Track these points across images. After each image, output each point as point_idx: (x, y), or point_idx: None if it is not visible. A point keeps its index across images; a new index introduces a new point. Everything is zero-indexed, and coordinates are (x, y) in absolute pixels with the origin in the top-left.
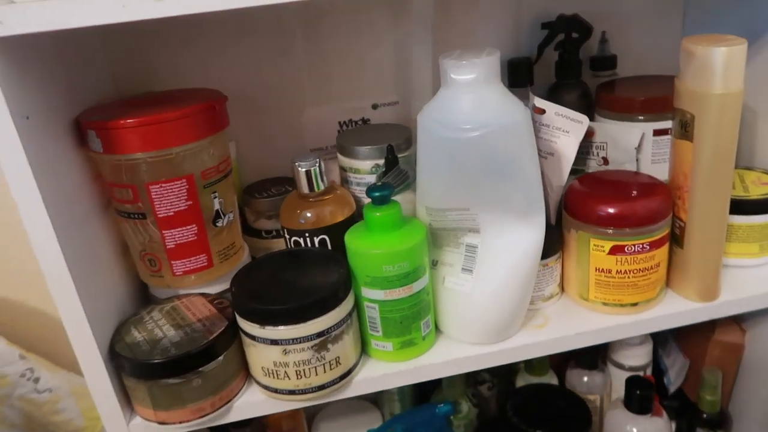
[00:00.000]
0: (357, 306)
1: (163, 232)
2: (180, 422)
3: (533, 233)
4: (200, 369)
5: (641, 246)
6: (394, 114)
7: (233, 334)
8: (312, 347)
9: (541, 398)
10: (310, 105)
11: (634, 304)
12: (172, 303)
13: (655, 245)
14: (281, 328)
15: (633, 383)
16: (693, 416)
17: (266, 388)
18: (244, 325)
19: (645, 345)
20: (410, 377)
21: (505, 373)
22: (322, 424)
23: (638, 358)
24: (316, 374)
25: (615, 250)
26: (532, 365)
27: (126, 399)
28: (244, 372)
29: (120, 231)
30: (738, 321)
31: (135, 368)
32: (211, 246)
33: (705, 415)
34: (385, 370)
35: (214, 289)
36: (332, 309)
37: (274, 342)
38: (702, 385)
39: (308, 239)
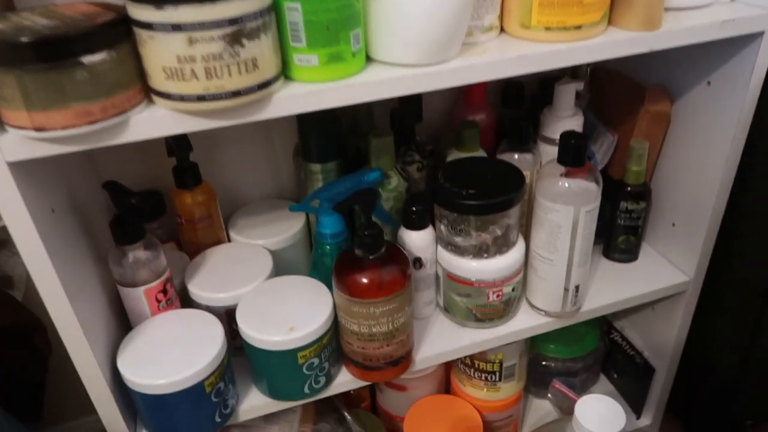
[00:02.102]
0: (276, 12)
1: None
2: (63, 127)
3: None
4: (83, 59)
5: None
6: None
7: (126, 31)
8: (223, 37)
9: (472, 168)
10: None
11: (578, 27)
12: (46, 7)
13: None
14: (183, 8)
15: (567, 135)
16: (618, 192)
17: (170, 97)
18: (138, 12)
19: (576, 117)
20: (339, 96)
21: (434, 156)
22: (240, 221)
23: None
24: (230, 75)
25: None
26: (462, 140)
27: None
28: (141, 85)
29: None
30: (667, 92)
31: None
32: None
33: (629, 188)
34: (311, 88)
35: None
36: None
37: (176, 28)
38: (629, 156)
39: None
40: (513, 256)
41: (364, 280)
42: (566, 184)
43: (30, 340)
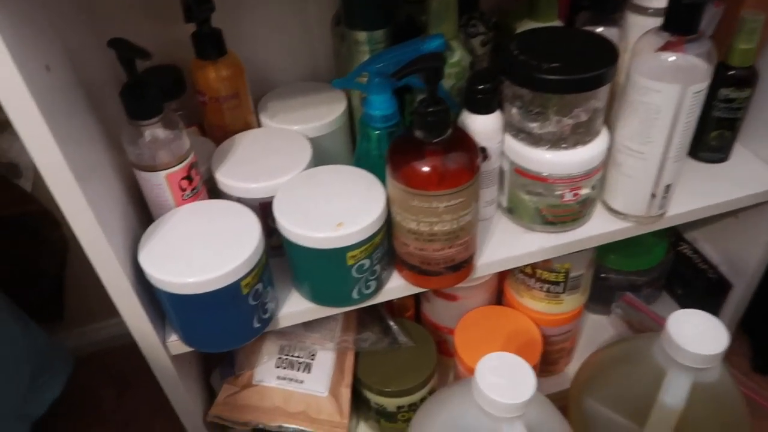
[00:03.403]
0: None
1: None
2: None
3: None
4: None
5: None
6: None
7: None
8: None
9: (551, 38)
10: None
11: None
12: None
13: None
14: None
15: None
16: (717, 77)
17: None
18: None
19: None
20: None
21: (499, 29)
22: (271, 104)
23: None
24: None
25: None
26: (537, 6)
27: None
28: None
29: None
30: None
31: None
32: None
33: (733, 72)
34: None
35: None
36: None
37: None
38: (738, 31)
39: None
40: (596, 148)
41: (426, 169)
42: (671, 58)
43: (42, 234)
